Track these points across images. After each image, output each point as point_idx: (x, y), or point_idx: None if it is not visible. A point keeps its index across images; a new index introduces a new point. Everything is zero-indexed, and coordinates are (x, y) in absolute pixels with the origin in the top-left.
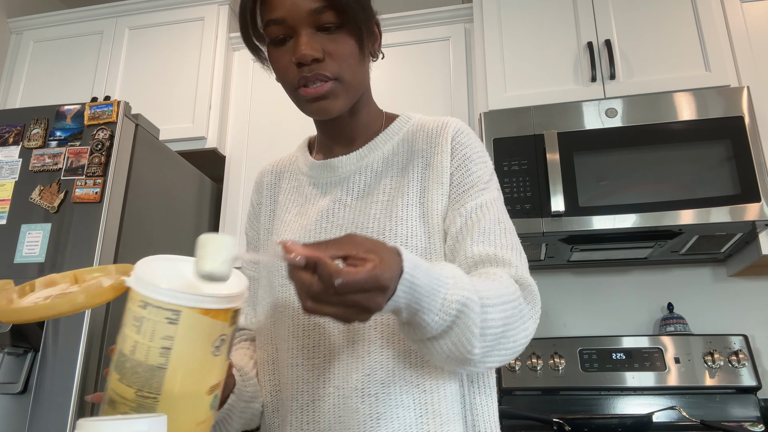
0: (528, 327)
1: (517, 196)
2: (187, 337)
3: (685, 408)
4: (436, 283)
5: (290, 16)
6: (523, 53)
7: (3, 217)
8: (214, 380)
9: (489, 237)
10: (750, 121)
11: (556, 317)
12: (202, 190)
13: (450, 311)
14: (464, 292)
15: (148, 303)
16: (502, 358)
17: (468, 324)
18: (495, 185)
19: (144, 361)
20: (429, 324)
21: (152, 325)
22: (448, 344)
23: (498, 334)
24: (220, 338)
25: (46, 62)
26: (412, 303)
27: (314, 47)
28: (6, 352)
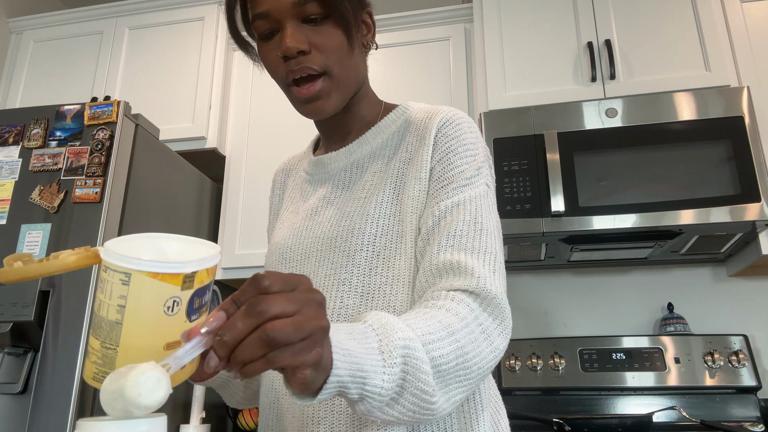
0: (496, 345)
1: (517, 196)
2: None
3: (685, 408)
4: (363, 338)
5: (274, 9)
6: (523, 53)
7: (3, 217)
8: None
9: (459, 240)
10: (750, 121)
11: (556, 317)
12: (202, 190)
13: (395, 360)
14: (400, 333)
15: (107, 267)
16: (467, 386)
17: (419, 366)
18: (482, 180)
19: (105, 317)
20: (383, 387)
21: (110, 285)
22: (408, 401)
23: (455, 366)
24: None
25: (46, 62)
26: (356, 372)
27: (299, 39)
28: (6, 352)
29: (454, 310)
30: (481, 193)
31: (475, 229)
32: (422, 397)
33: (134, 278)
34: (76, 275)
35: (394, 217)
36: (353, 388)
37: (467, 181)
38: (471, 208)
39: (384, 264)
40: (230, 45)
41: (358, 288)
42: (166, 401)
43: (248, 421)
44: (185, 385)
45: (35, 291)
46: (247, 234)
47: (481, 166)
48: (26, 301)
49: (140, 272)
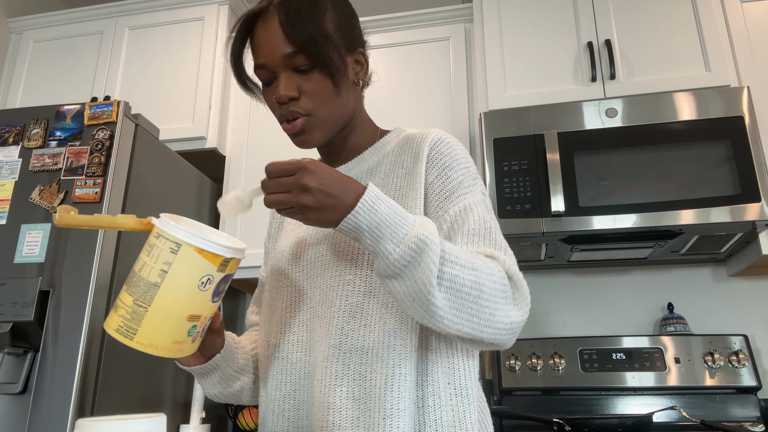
0: (510, 312)
1: (517, 196)
2: (180, 266)
3: (685, 408)
4: (399, 218)
5: (269, 61)
6: (523, 53)
7: (3, 217)
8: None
9: (474, 238)
10: (750, 121)
11: (556, 317)
12: (202, 190)
13: (410, 245)
14: (427, 233)
15: (161, 234)
16: (475, 326)
17: (428, 264)
18: (479, 188)
19: (146, 278)
20: (391, 254)
21: (158, 251)
22: (410, 285)
23: (469, 294)
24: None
25: (46, 62)
26: (373, 227)
27: (290, 87)
28: (6, 352)
29: (485, 261)
30: (480, 199)
31: (485, 228)
32: (423, 290)
33: (183, 249)
34: (76, 276)
35: None
36: (368, 238)
37: (467, 190)
38: (477, 210)
39: None
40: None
41: (361, 287)
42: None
43: (248, 421)
44: (185, 385)
45: (35, 291)
46: (247, 234)
47: (475, 177)
48: (26, 301)
49: (190, 245)
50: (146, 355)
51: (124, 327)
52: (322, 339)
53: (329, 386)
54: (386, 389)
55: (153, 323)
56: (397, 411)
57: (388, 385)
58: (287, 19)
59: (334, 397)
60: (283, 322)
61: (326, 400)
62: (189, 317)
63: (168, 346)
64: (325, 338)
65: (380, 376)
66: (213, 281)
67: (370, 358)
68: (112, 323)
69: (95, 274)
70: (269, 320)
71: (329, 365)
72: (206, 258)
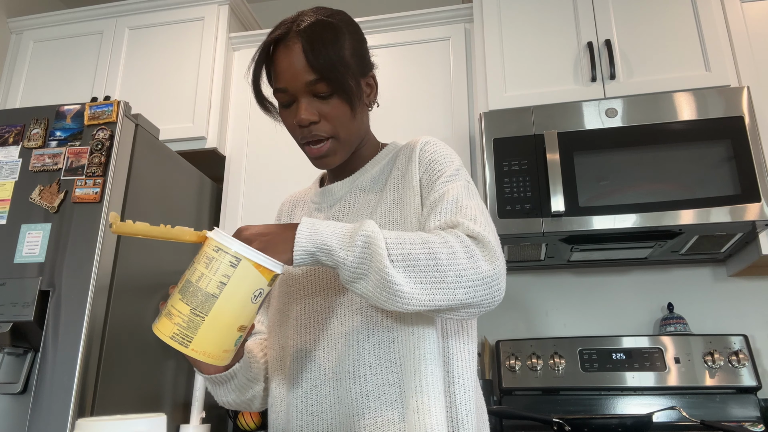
0: (479, 266)
1: (517, 196)
2: (239, 279)
3: (685, 408)
4: (340, 229)
5: (291, 86)
6: (523, 53)
7: (3, 217)
8: (245, 322)
9: (444, 216)
10: (750, 121)
11: (556, 317)
12: (202, 190)
13: (357, 243)
14: (368, 230)
15: (220, 248)
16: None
17: (378, 251)
18: (462, 178)
19: (204, 288)
20: (346, 260)
21: (218, 263)
22: (372, 278)
23: (427, 266)
24: (259, 290)
25: (46, 62)
26: (321, 245)
27: (311, 112)
28: (6, 352)
29: (437, 233)
30: (462, 185)
31: (456, 207)
32: (383, 276)
33: (242, 264)
34: (76, 276)
35: (397, 222)
36: (323, 256)
37: (448, 179)
38: (452, 193)
39: None
40: (230, 45)
41: None
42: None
43: (248, 422)
44: (185, 385)
45: (35, 291)
46: None
47: (458, 168)
48: (26, 301)
49: (249, 260)
50: (146, 355)
51: (180, 335)
52: (348, 335)
53: (364, 376)
54: (418, 372)
55: (208, 332)
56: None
57: (420, 368)
58: (311, 48)
59: (371, 385)
60: (299, 323)
61: (363, 389)
62: (239, 327)
63: (219, 354)
64: (352, 333)
65: (410, 362)
66: (263, 294)
67: (397, 346)
68: (166, 330)
69: (95, 274)
70: (281, 324)
71: (361, 358)
72: (261, 273)
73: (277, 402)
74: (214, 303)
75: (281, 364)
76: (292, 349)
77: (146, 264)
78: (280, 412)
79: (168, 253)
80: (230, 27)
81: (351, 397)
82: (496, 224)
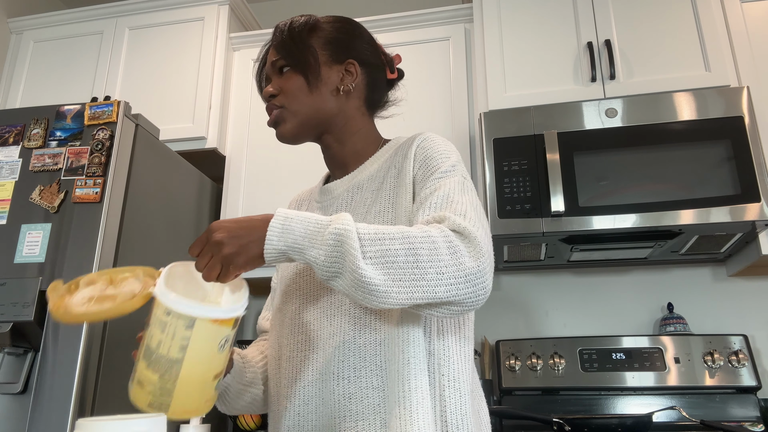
0: (463, 262)
1: (517, 196)
2: (199, 339)
3: (685, 408)
4: (313, 225)
5: (268, 71)
6: (523, 53)
7: (3, 217)
8: (218, 369)
9: (433, 210)
10: (750, 121)
11: (556, 317)
12: (202, 190)
13: (328, 242)
14: (339, 226)
15: (171, 311)
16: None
17: (349, 250)
18: (458, 174)
19: (166, 355)
20: (317, 258)
21: (173, 328)
22: (347, 276)
23: (406, 262)
24: (225, 338)
25: (46, 62)
26: (292, 244)
27: (273, 86)
28: (6, 352)
29: (420, 227)
30: (457, 181)
31: (446, 201)
32: (356, 275)
33: (198, 324)
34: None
35: (390, 223)
36: (296, 255)
37: (443, 174)
38: (445, 189)
39: None
40: (230, 45)
41: None
42: None
43: (248, 422)
44: None
45: (35, 291)
46: None
47: (455, 164)
48: (26, 301)
49: (204, 319)
50: None
51: (156, 402)
52: (335, 335)
53: (347, 378)
54: (401, 377)
55: (183, 393)
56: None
57: (404, 373)
58: (280, 36)
59: (354, 387)
60: (293, 323)
61: (346, 391)
62: (214, 377)
63: (201, 406)
64: (338, 334)
65: (395, 365)
66: (230, 339)
67: (383, 349)
68: (141, 400)
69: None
70: (281, 323)
71: (346, 359)
72: (221, 324)
73: (273, 401)
74: (180, 367)
75: (277, 363)
76: (286, 348)
77: (146, 264)
78: (275, 411)
79: (168, 253)
80: (230, 27)
81: (334, 399)
82: (496, 224)
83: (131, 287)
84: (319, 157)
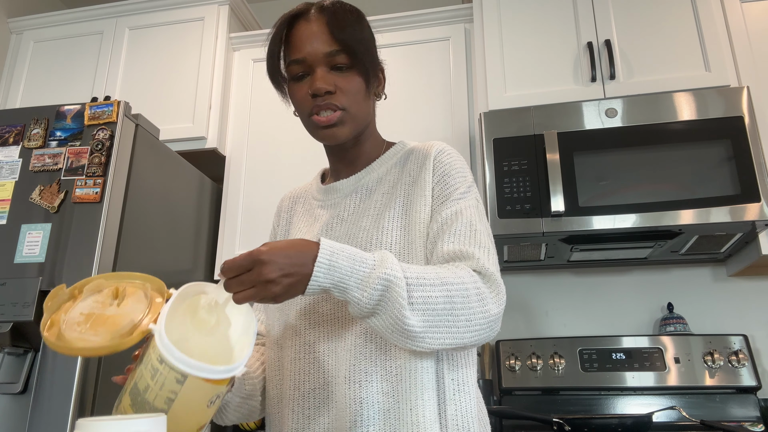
0: (488, 309)
1: (517, 196)
2: (188, 395)
3: (685, 408)
4: (359, 265)
5: (309, 56)
6: (523, 53)
7: (3, 217)
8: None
9: (459, 237)
10: (750, 121)
11: (556, 317)
12: (202, 190)
13: (375, 287)
14: (388, 271)
15: (164, 360)
16: (456, 336)
17: (396, 298)
18: (473, 196)
19: (151, 402)
20: (360, 300)
21: (163, 378)
22: (386, 319)
23: (444, 310)
24: (216, 395)
25: (46, 62)
26: (338, 283)
27: (328, 82)
28: (6, 352)
29: (453, 271)
30: (473, 204)
31: (470, 230)
32: (398, 323)
33: (190, 380)
34: (76, 276)
35: (404, 228)
36: (336, 292)
37: (461, 196)
38: (467, 214)
39: None
40: (230, 45)
41: None
42: None
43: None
44: None
45: (35, 291)
46: (247, 234)
47: (471, 185)
48: (26, 301)
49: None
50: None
51: None
52: (346, 339)
53: (359, 383)
54: (412, 383)
55: None
56: (422, 402)
57: (413, 379)
58: (335, 20)
59: (365, 392)
60: (298, 324)
61: (357, 396)
62: (198, 428)
63: None
64: (350, 338)
65: (405, 371)
66: (221, 397)
67: (394, 354)
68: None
69: (95, 274)
70: (283, 325)
71: (357, 364)
72: (214, 384)
73: (273, 403)
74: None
75: (279, 365)
76: (291, 350)
77: (146, 264)
78: (276, 414)
79: (168, 253)
80: (230, 27)
81: (345, 402)
82: (496, 224)
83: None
84: (318, 158)
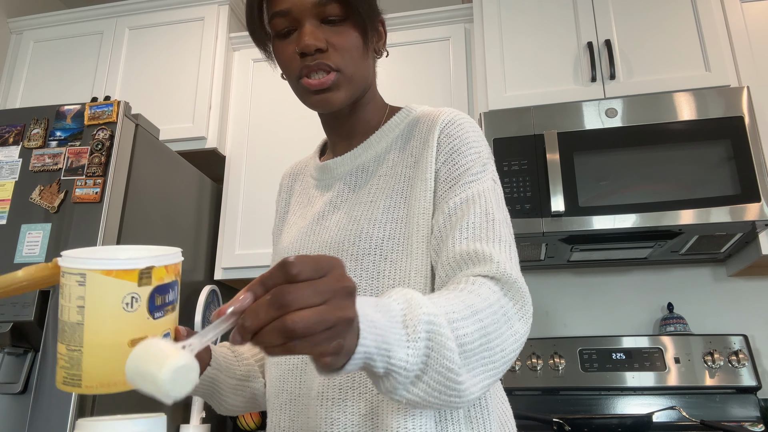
0: (516, 329)
1: (517, 196)
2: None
3: (685, 408)
4: (388, 311)
5: (295, 7)
6: (523, 53)
7: (3, 217)
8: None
9: (473, 232)
10: (750, 121)
11: (556, 317)
12: (202, 190)
13: (419, 335)
14: (425, 309)
15: (64, 271)
16: (492, 372)
17: (444, 342)
18: (488, 176)
19: (67, 320)
20: (407, 361)
21: (68, 288)
22: (434, 377)
23: (480, 347)
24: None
25: (46, 62)
26: (381, 344)
27: (318, 38)
28: (6, 352)
29: (476, 292)
30: (489, 187)
31: (487, 220)
32: (447, 375)
33: (89, 278)
34: None
35: (401, 220)
36: (378, 360)
37: (474, 177)
38: (481, 201)
39: (391, 267)
40: (230, 45)
41: (366, 291)
42: None
43: (248, 421)
44: None
45: (35, 291)
46: (248, 234)
47: (486, 162)
48: (26, 301)
49: (94, 271)
50: None
51: (69, 377)
52: None
53: (332, 400)
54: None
55: (93, 363)
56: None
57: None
58: None
59: (338, 412)
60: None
61: (329, 416)
62: (131, 342)
63: (120, 378)
64: None
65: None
66: (140, 299)
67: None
68: (59, 378)
69: None
70: None
71: (331, 378)
72: (118, 277)
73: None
74: (82, 331)
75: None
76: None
77: None
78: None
79: None
80: (230, 27)
81: (316, 422)
82: None
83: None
84: None
